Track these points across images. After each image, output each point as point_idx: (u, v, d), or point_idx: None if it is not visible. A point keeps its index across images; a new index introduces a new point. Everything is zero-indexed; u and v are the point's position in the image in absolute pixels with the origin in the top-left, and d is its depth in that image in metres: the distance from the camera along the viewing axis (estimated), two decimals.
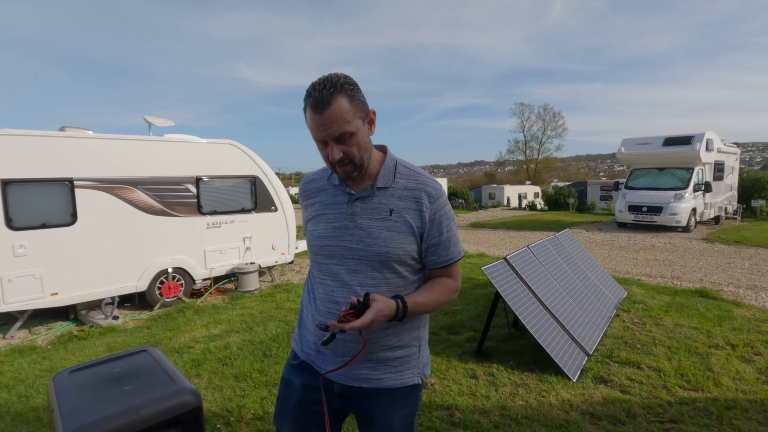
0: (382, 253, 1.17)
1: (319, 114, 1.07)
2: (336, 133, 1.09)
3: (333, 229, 1.21)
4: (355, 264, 1.19)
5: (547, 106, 59.65)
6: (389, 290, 1.20)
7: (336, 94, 1.06)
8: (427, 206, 1.20)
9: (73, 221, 5.30)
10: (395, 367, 1.24)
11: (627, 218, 13.11)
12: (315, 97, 1.06)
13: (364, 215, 1.19)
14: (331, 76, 1.08)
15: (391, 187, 1.21)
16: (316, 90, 1.07)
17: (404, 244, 1.19)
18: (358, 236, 1.18)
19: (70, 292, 5.29)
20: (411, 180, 1.23)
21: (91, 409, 0.93)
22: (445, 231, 1.24)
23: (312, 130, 1.11)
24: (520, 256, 4.12)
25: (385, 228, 1.18)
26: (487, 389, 3.11)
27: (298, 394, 1.24)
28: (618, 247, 9.93)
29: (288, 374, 1.29)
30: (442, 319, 4.68)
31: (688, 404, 2.85)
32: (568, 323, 3.75)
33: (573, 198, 23.68)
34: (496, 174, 65.20)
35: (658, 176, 13.17)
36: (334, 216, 1.22)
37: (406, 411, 1.29)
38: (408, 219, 1.19)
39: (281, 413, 1.28)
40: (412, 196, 1.20)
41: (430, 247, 1.23)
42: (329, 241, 1.21)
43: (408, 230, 1.19)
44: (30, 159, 5.01)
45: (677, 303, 5.09)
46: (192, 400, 1.00)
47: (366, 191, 1.20)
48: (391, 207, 1.19)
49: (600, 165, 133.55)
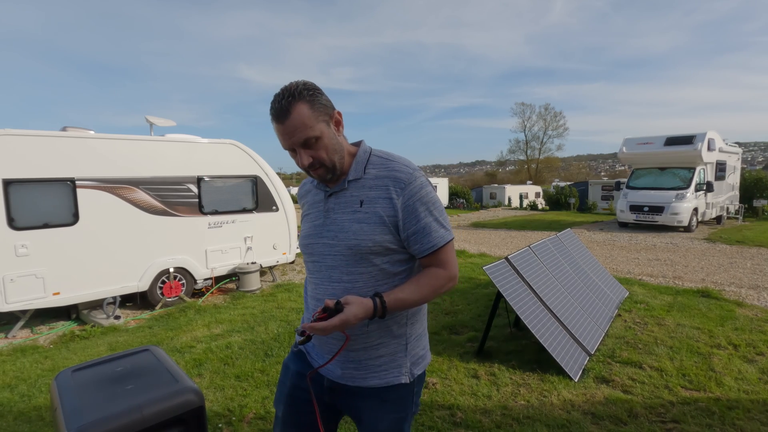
0: (352, 246, 1.15)
1: (281, 124, 1.10)
2: (300, 140, 1.11)
3: (314, 227, 1.26)
4: (332, 260, 1.21)
5: (548, 106, 59.67)
6: (368, 284, 1.17)
7: (295, 102, 1.08)
8: (397, 192, 1.15)
9: (75, 221, 5.32)
10: (379, 366, 1.21)
11: (628, 218, 13.09)
12: (275, 108, 1.10)
13: (337, 210, 1.21)
14: (290, 85, 1.11)
15: (363, 178, 1.19)
16: (276, 101, 1.10)
17: (374, 235, 1.14)
18: (332, 231, 1.21)
19: (71, 292, 5.30)
20: (382, 168, 1.19)
21: (93, 408, 0.93)
22: (423, 217, 1.16)
23: (279, 139, 1.14)
24: (522, 255, 4.12)
25: (355, 220, 1.16)
26: (488, 389, 3.11)
27: (292, 379, 1.29)
28: (619, 247, 9.92)
29: (287, 359, 1.36)
30: (444, 319, 4.68)
31: (690, 404, 2.84)
32: (570, 323, 3.74)
33: (574, 198, 23.65)
34: (497, 174, 65.15)
35: (659, 176, 13.15)
36: (315, 215, 1.27)
37: (394, 415, 1.25)
38: (377, 209, 1.15)
39: (278, 396, 1.34)
40: (381, 184, 1.17)
41: (410, 236, 1.16)
42: (311, 239, 1.25)
43: (377, 220, 1.15)
44: (32, 159, 5.02)
45: (679, 303, 5.08)
46: (194, 399, 1.00)
47: (339, 186, 1.22)
48: (361, 198, 1.17)
49: (601, 165, 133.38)
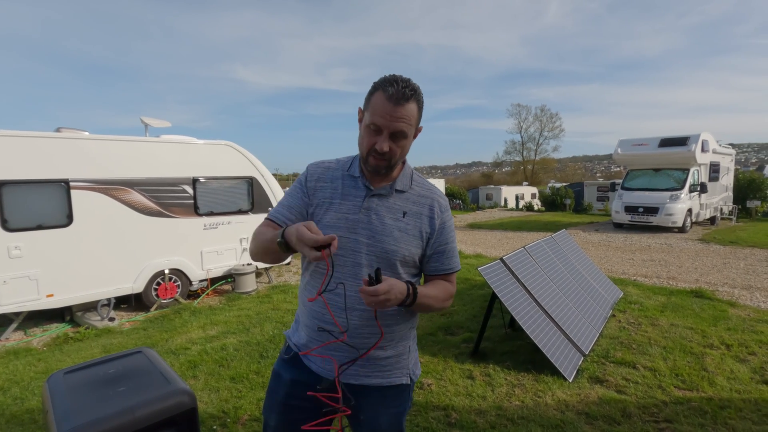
0: (390, 251, 1.21)
1: (393, 104, 1.11)
2: (397, 129, 1.14)
3: (345, 220, 1.21)
4: (364, 258, 1.20)
5: (544, 107, 59.88)
6: None
7: (414, 97, 1.15)
8: (438, 215, 1.28)
9: (69, 222, 5.28)
10: (384, 367, 1.26)
11: (623, 219, 13.16)
12: (398, 90, 1.11)
13: (379, 212, 1.22)
14: (411, 81, 1.15)
15: (407, 192, 1.27)
16: (399, 84, 1.12)
17: (411, 247, 1.24)
18: (370, 230, 1.20)
19: (65, 294, 5.27)
20: (425, 189, 1.31)
21: (85, 411, 0.93)
22: (450, 241, 1.32)
23: (376, 114, 1.13)
24: (517, 256, 4.14)
25: (396, 228, 1.23)
26: (483, 390, 3.12)
27: (286, 387, 1.26)
28: (614, 248, 9.97)
29: (278, 368, 1.32)
30: (439, 320, 4.69)
31: (683, 404, 2.86)
32: (565, 324, 3.76)
33: (570, 199, 23.75)
34: (493, 175, 65.31)
35: (654, 177, 13.24)
36: (347, 207, 1.22)
37: (394, 410, 1.30)
38: (419, 224, 1.26)
39: (270, 405, 1.30)
40: (425, 203, 1.28)
41: (434, 253, 1.29)
42: (340, 231, 1.19)
43: (417, 234, 1.25)
44: (25, 160, 4.99)
45: (673, 303, 5.11)
46: (187, 401, 1.00)
47: (385, 190, 1.24)
48: (405, 210, 1.25)
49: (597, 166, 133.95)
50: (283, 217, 1.24)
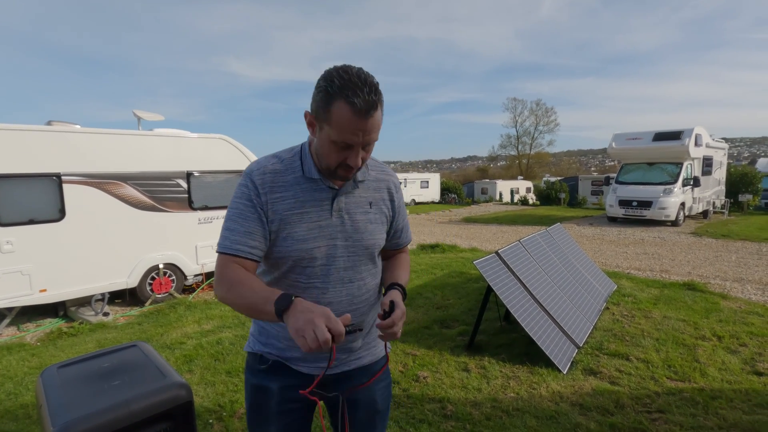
0: (369, 246, 1.20)
1: (363, 118, 0.98)
2: (371, 141, 1.04)
3: (318, 228, 1.13)
4: (345, 261, 1.17)
5: (539, 102, 60.04)
6: (373, 280, 1.26)
7: (379, 99, 1.01)
8: (395, 196, 1.29)
9: (62, 217, 5.23)
10: (369, 344, 1.29)
11: (617, 213, 13.26)
12: (365, 100, 0.96)
13: (349, 210, 1.17)
14: (370, 79, 0.99)
15: (367, 180, 1.21)
16: (364, 91, 0.96)
17: (382, 234, 1.25)
18: (346, 232, 1.16)
19: (59, 289, 5.23)
20: (380, 172, 1.26)
21: (79, 404, 0.92)
22: (405, 216, 1.36)
23: (345, 131, 0.99)
24: (512, 250, 4.15)
25: (368, 221, 1.21)
26: (478, 382, 3.14)
27: (276, 396, 1.20)
28: (608, 241, 10.04)
29: (260, 381, 1.21)
30: (435, 313, 4.71)
31: (675, 394, 2.90)
32: (559, 316, 3.79)
33: (564, 193, 23.88)
34: (488, 169, 65.48)
35: (648, 171, 13.32)
36: (317, 214, 1.13)
37: (383, 384, 1.33)
38: (383, 209, 1.25)
39: (258, 420, 1.22)
40: (383, 187, 1.26)
41: (396, 231, 1.32)
42: (317, 242, 1.12)
43: (384, 220, 1.26)
44: (16, 154, 4.92)
45: (665, 296, 5.17)
46: (183, 394, 0.99)
47: (349, 186, 1.16)
48: (369, 200, 1.22)
49: (591, 160, 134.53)
50: (248, 248, 1.08)
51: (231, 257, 1.08)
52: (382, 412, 1.32)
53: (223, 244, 1.10)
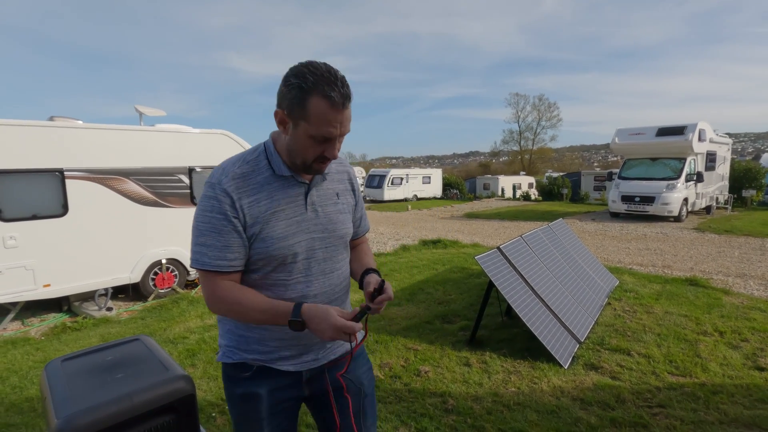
0: (343, 235, 1.26)
1: (339, 111, 1.02)
2: (346, 132, 1.08)
3: (296, 223, 1.14)
4: (323, 252, 1.20)
5: (542, 97, 59.77)
6: (347, 268, 1.32)
7: (350, 94, 1.05)
8: (355, 185, 1.35)
9: (65, 212, 5.26)
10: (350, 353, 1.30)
11: (620, 208, 13.22)
12: (341, 93, 1.00)
13: (320, 203, 1.21)
14: (339, 73, 1.03)
15: (330, 172, 1.25)
16: (338, 85, 1.00)
17: (350, 223, 1.30)
18: (321, 225, 1.20)
19: (62, 284, 5.26)
20: (338, 164, 1.30)
21: (83, 397, 0.93)
22: (363, 204, 1.41)
23: (324, 125, 1.01)
24: (514, 245, 4.15)
25: (339, 211, 1.25)
26: (480, 376, 3.15)
27: (267, 401, 1.19)
28: (610, 237, 10.02)
29: (246, 389, 1.19)
30: (436, 309, 4.72)
31: (676, 389, 2.90)
32: (561, 312, 3.79)
33: (567, 188, 23.80)
34: (490, 164, 65.31)
35: (650, 166, 13.26)
36: (293, 210, 1.15)
37: (366, 367, 1.36)
38: (348, 199, 1.31)
39: (251, 428, 1.20)
40: (345, 178, 1.31)
41: (356, 219, 1.37)
42: (296, 237, 1.14)
43: (350, 209, 1.31)
44: (19, 149, 4.94)
45: (667, 291, 5.16)
46: (185, 387, 1.00)
47: (318, 179, 1.20)
48: (336, 191, 1.27)
49: (594, 155, 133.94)
50: (226, 262, 1.08)
51: (214, 273, 1.09)
52: (370, 396, 1.35)
53: (201, 261, 1.08)
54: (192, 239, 1.11)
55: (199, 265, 1.09)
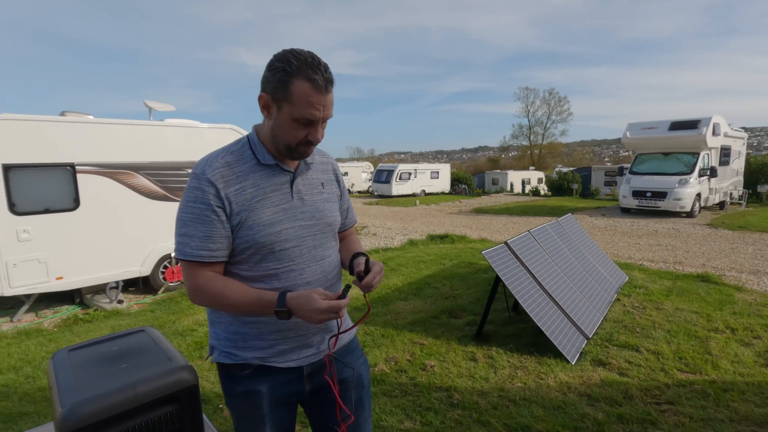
0: (331, 223, 1.27)
1: (322, 94, 1.05)
2: (329, 116, 1.10)
3: (282, 211, 1.15)
4: (313, 240, 1.21)
5: (552, 91, 58.99)
6: (337, 257, 1.32)
7: (333, 78, 1.08)
8: (339, 177, 1.37)
9: (76, 206, 5.33)
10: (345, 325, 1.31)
11: (631, 203, 13.04)
12: (324, 77, 1.04)
13: (306, 192, 1.22)
14: (323, 60, 1.06)
15: (314, 163, 1.27)
16: (321, 68, 1.04)
17: (337, 212, 1.32)
18: (308, 212, 1.21)
19: (74, 277, 5.35)
20: (321, 155, 1.33)
21: (87, 386, 0.94)
22: (348, 197, 1.43)
23: (307, 107, 1.04)
24: (521, 240, 4.12)
25: (325, 200, 1.27)
26: (486, 371, 3.14)
27: (268, 397, 1.18)
28: (621, 233, 9.90)
29: (246, 387, 1.18)
30: (443, 303, 4.71)
31: (686, 386, 2.87)
32: (569, 307, 3.76)
33: (577, 183, 23.55)
34: (500, 159, 64.86)
35: (663, 161, 13.04)
36: (279, 198, 1.15)
37: (362, 359, 1.37)
38: (334, 189, 1.33)
39: (251, 426, 1.19)
40: (329, 169, 1.33)
41: (343, 211, 1.39)
42: (283, 225, 1.14)
43: (336, 199, 1.33)
44: (31, 144, 5.01)
45: (678, 287, 5.09)
46: (188, 377, 1.00)
47: (302, 168, 1.22)
48: (321, 180, 1.28)
49: (605, 150, 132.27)
50: (208, 252, 1.08)
51: (196, 264, 1.10)
52: (367, 388, 1.36)
53: (182, 251, 1.09)
54: (175, 230, 1.12)
55: (181, 255, 1.10)
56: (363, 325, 4.13)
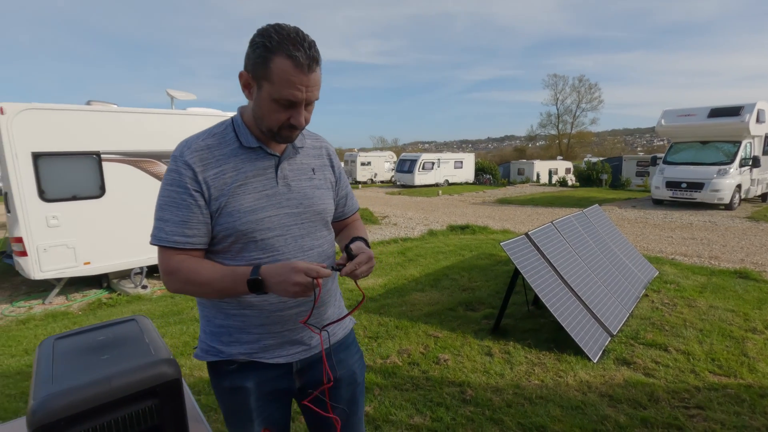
0: (320, 212, 1.17)
1: (304, 73, 0.95)
2: (313, 98, 1.01)
3: (266, 197, 1.07)
4: (299, 229, 1.12)
5: (582, 78, 56.92)
6: (330, 246, 1.23)
7: (319, 57, 0.99)
8: (334, 162, 1.27)
9: (102, 194, 5.47)
10: (340, 316, 1.26)
11: (664, 195, 12.45)
12: (307, 54, 0.94)
13: (293, 177, 1.13)
14: (308, 37, 0.97)
15: (305, 147, 1.19)
16: (305, 45, 0.94)
17: (330, 200, 1.22)
18: (295, 200, 1.12)
19: (101, 262, 5.51)
20: (314, 139, 1.24)
21: (63, 378, 0.91)
22: (347, 182, 1.34)
23: (287, 87, 0.95)
24: (543, 232, 3.95)
25: (315, 186, 1.17)
26: (501, 367, 3.03)
27: (255, 393, 1.14)
28: (652, 225, 9.46)
29: (232, 382, 1.13)
30: (460, 295, 4.60)
31: (718, 390, 2.68)
32: (592, 302, 3.59)
33: (606, 174, 22.68)
34: (526, 149, 63.36)
35: (700, 150, 12.35)
36: (262, 183, 1.08)
37: (358, 355, 1.31)
38: (327, 175, 1.23)
39: (239, 422, 1.15)
40: (322, 154, 1.24)
41: (341, 198, 1.30)
42: (266, 212, 1.07)
43: (329, 186, 1.23)
44: (58, 133, 5.15)
45: (713, 284, 4.80)
46: (168, 371, 0.96)
47: (289, 152, 1.13)
48: (312, 166, 1.19)
49: (638, 140, 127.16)
50: (184, 238, 1.02)
51: (171, 250, 1.04)
52: (360, 384, 1.30)
53: (157, 236, 1.03)
54: (154, 215, 1.06)
55: (155, 240, 1.04)
56: (377, 315, 4.07)
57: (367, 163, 29.03)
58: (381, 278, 5.44)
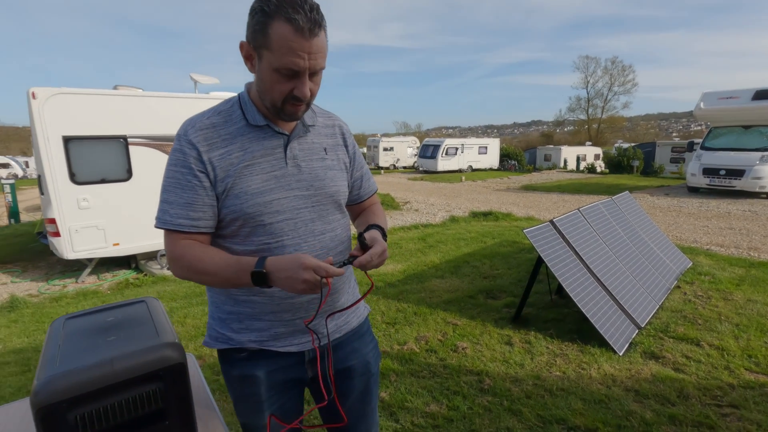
0: (332, 194, 1.10)
1: (305, 38, 0.87)
2: (317, 67, 0.92)
3: (274, 179, 1.00)
4: (310, 212, 1.05)
5: (615, 59, 54.35)
6: (344, 231, 1.16)
7: (322, 21, 0.90)
8: (348, 141, 1.20)
9: (129, 177, 5.61)
10: (354, 309, 1.22)
11: (700, 182, 11.85)
12: (307, 17, 0.86)
13: (303, 158, 1.06)
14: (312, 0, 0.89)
15: (316, 125, 1.11)
16: (304, 8, 0.86)
17: (344, 182, 1.15)
18: (306, 181, 1.05)
19: (129, 243, 5.69)
20: (326, 116, 1.17)
21: (68, 359, 0.90)
22: (363, 163, 1.26)
23: (287, 54, 0.87)
24: (569, 219, 3.80)
25: (327, 167, 1.10)
26: (522, 357, 2.96)
27: (266, 383, 1.10)
28: (687, 214, 9.04)
29: (242, 370, 1.10)
30: (481, 283, 4.51)
31: (754, 389, 2.53)
32: (619, 293, 3.45)
33: (638, 160, 21.76)
34: (553, 134, 61.59)
35: (742, 135, 11.65)
36: (270, 164, 1.01)
37: (372, 344, 1.27)
38: (340, 155, 1.15)
39: (250, 411, 1.12)
40: (335, 133, 1.16)
41: (356, 180, 1.23)
42: (275, 194, 1.00)
43: (343, 167, 1.16)
44: (87, 117, 5.27)
45: (752, 276, 4.53)
46: (173, 355, 0.94)
47: (299, 130, 1.06)
48: (324, 146, 1.12)
49: (673, 125, 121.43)
50: (189, 221, 0.97)
51: (176, 233, 0.99)
52: (375, 375, 1.26)
53: (162, 219, 0.99)
54: (159, 197, 1.02)
55: (160, 223, 1.00)
56: (396, 301, 4.04)
57: (389, 148, 28.82)
58: (401, 264, 5.39)
